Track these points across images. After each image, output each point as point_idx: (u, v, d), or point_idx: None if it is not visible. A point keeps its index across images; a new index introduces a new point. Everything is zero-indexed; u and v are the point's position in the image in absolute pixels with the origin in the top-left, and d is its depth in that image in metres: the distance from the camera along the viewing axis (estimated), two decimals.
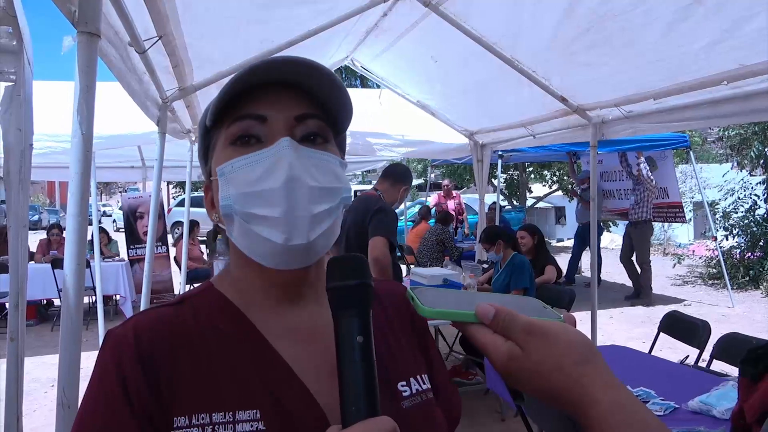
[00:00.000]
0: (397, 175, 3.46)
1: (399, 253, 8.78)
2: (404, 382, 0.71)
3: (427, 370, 0.76)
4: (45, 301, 7.56)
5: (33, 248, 7.49)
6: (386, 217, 3.20)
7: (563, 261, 9.02)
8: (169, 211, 15.57)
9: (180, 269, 6.97)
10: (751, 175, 10.88)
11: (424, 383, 0.73)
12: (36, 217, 22.34)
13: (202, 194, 0.80)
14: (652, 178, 7.76)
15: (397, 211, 3.49)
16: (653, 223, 8.16)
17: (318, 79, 0.66)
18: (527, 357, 0.51)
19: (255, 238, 0.64)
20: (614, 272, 10.10)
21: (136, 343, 0.62)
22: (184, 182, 6.88)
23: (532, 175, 15.03)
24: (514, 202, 14.80)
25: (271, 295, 0.70)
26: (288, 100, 0.67)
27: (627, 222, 8.28)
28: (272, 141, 0.65)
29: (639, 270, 7.87)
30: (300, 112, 0.67)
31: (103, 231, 7.72)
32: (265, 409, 0.62)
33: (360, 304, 0.58)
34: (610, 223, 12.58)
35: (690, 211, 11.99)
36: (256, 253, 0.66)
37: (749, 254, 9.41)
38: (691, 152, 8.38)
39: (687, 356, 3.51)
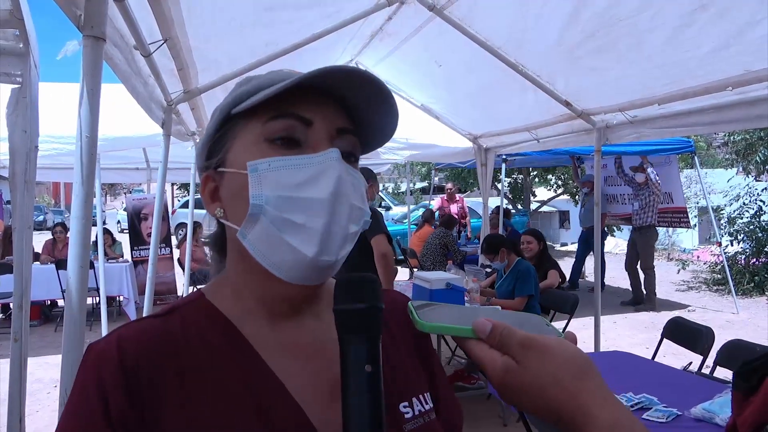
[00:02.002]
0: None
1: (402, 256, 8.78)
2: (406, 403, 0.68)
3: (429, 386, 0.73)
4: (49, 302, 7.59)
5: (38, 249, 7.53)
6: (376, 216, 3.55)
7: (567, 265, 8.99)
8: (173, 212, 15.62)
9: (183, 271, 6.99)
10: (756, 181, 10.83)
11: (427, 403, 0.70)
12: (41, 218, 22.41)
13: None
14: (659, 182, 7.72)
15: (399, 214, 3.65)
16: (657, 228, 8.12)
17: (368, 95, 0.64)
18: (523, 371, 0.51)
19: (281, 246, 0.60)
20: (618, 277, 10.06)
21: (120, 359, 0.59)
22: (189, 184, 6.91)
23: (536, 179, 15.01)
24: (519, 206, 14.78)
25: (270, 308, 0.66)
26: (331, 109, 0.64)
27: (631, 227, 8.24)
28: (315, 148, 0.62)
29: (642, 275, 7.82)
30: (342, 125, 0.65)
31: (107, 232, 7.75)
32: (256, 431, 0.59)
33: (370, 330, 0.55)
34: (614, 228, 12.54)
35: (695, 216, 11.95)
36: (274, 262, 0.61)
37: (754, 260, 9.36)
38: (696, 157, 8.35)
39: (690, 363, 3.50)
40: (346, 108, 0.66)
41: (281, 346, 0.65)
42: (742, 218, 9.79)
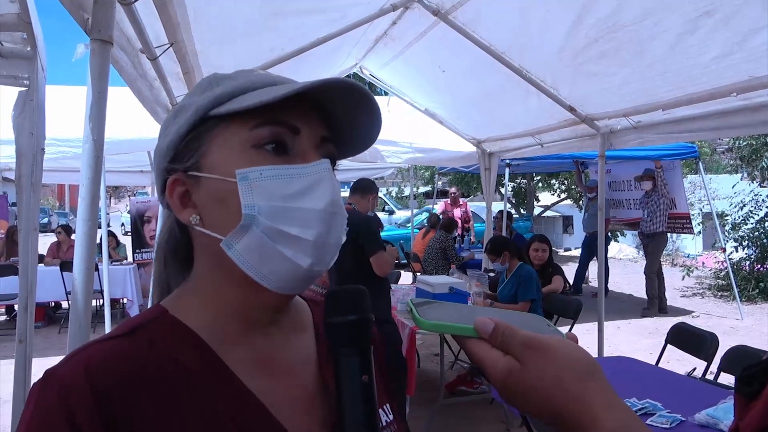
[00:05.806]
0: (364, 187, 3.79)
1: (405, 261, 8.78)
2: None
3: (389, 399, 0.72)
4: (53, 304, 7.61)
5: (42, 251, 7.55)
6: (373, 225, 3.57)
7: (570, 270, 8.97)
8: None
9: None
10: (761, 186, 10.79)
11: (390, 414, 0.69)
12: (45, 220, 22.50)
13: None
14: (666, 183, 7.72)
15: (402, 218, 3.59)
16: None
17: (359, 107, 0.63)
18: (526, 372, 0.49)
19: (274, 257, 0.58)
20: (622, 282, 10.05)
21: (91, 387, 0.52)
22: None
23: (540, 184, 15.00)
24: (522, 211, 14.78)
25: (244, 317, 0.63)
26: (315, 117, 0.63)
27: (640, 234, 8.18)
28: (303, 157, 0.60)
29: (654, 280, 7.78)
30: (324, 133, 0.64)
31: (111, 234, 7.77)
32: None
33: (360, 341, 0.56)
34: (618, 233, 12.51)
35: (699, 223, 11.90)
36: (264, 274, 0.59)
37: (759, 266, 9.32)
38: (700, 163, 8.33)
39: (694, 368, 3.48)
40: (325, 116, 0.65)
41: (255, 362, 0.62)
42: (746, 224, 9.75)
